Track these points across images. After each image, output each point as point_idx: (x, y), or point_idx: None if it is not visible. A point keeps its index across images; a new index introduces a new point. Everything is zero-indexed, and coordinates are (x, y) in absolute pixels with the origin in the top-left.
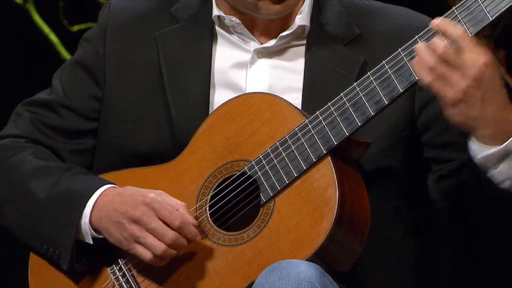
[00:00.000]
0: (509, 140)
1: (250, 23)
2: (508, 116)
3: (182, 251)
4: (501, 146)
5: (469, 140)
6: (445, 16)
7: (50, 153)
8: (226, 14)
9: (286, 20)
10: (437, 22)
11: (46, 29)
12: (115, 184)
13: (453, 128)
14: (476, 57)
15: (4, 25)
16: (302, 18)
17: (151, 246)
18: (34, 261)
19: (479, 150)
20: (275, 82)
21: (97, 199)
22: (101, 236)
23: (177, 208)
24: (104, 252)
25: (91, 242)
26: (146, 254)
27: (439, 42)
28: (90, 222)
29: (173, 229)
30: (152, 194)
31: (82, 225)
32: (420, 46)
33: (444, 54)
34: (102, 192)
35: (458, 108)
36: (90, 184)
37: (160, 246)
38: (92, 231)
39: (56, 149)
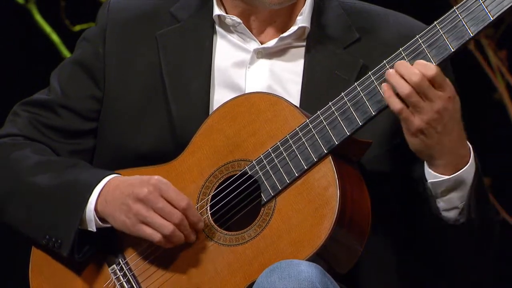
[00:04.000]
0: (460, 171)
1: (250, 23)
2: (462, 150)
3: (183, 247)
4: (451, 176)
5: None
6: (446, 16)
7: (50, 151)
8: (227, 13)
9: (286, 21)
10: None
11: (47, 29)
12: (119, 174)
13: None
14: (443, 91)
15: (5, 24)
16: (302, 19)
17: (159, 226)
18: (35, 260)
19: (430, 175)
20: (274, 83)
21: (104, 186)
22: (105, 225)
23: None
24: (105, 251)
25: (95, 230)
26: (154, 235)
27: (415, 71)
28: (96, 209)
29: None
30: (159, 176)
31: (87, 212)
32: (394, 73)
33: (420, 84)
34: (108, 180)
35: (419, 138)
36: (96, 174)
37: (169, 226)
38: (97, 219)
39: (55, 149)
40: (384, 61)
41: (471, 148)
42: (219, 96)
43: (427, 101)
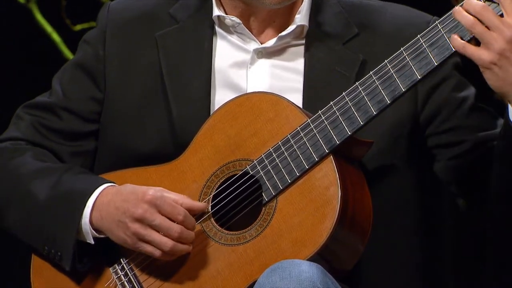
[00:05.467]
0: None
1: (250, 23)
2: None
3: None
4: None
5: (507, 107)
6: (448, 15)
7: (50, 155)
8: (226, 14)
9: (286, 20)
10: None
11: (48, 28)
12: (114, 183)
13: (458, 111)
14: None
15: (6, 24)
16: (301, 18)
17: (158, 243)
18: (37, 261)
19: None
20: (276, 82)
21: (96, 198)
22: (102, 236)
23: (180, 202)
24: (106, 251)
25: (92, 242)
26: (155, 252)
27: (475, 2)
28: (91, 222)
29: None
30: (152, 191)
31: (83, 225)
32: (459, 10)
33: (481, 14)
34: (101, 191)
35: (494, 72)
36: (89, 184)
37: (167, 243)
38: (93, 231)
39: (57, 151)
40: (386, 61)
41: None
42: (220, 97)
43: (494, 31)
